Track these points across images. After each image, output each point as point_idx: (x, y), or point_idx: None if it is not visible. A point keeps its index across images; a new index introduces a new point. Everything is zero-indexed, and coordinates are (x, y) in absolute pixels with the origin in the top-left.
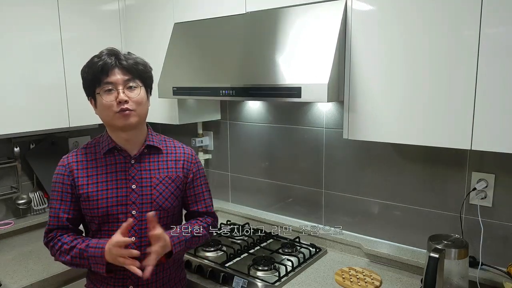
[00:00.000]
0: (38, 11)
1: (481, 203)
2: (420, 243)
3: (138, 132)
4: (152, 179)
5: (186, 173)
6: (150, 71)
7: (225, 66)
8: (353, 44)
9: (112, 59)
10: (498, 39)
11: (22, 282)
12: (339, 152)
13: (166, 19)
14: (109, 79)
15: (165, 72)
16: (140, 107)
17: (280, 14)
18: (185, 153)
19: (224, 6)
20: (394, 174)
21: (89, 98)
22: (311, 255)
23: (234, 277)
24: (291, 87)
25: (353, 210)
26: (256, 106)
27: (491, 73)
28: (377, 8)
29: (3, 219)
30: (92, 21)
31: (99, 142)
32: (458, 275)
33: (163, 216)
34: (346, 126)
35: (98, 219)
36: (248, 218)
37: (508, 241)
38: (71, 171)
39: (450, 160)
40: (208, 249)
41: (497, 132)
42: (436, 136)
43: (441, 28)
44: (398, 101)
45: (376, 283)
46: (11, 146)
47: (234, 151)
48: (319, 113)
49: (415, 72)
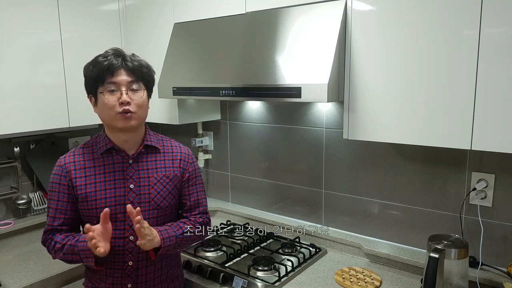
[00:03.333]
0: (38, 11)
1: (481, 203)
2: (420, 243)
3: (137, 133)
4: (150, 179)
5: (182, 172)
6: (153, 75)
7: (225, 66)
8: (353, 44)
9: (118, 60)
10: (498, 39)
11: (22, 282)
12: (339, 152)
13: (166, 19)
14: (114, 79)
15: (165, 72)
16: (141, 110)
17: (280, 14)
18: (182, 152)
19: (224, 6)
20: (394, 174)
21: (89, 96)
22: (311, 255)
23: (234, 277)
24: (291, 87)
25: (353, 210)
26: (256, 106)
27: (491, 73)
28: (377, 8)
29: (3, 219)
30: (92, 21)
31: (96, 142)
32: (458, 275)
33: (161, 215)
34: (346, 126)
35: (96, 218)
36: (248, 218)
37: (508, 241)
38: (68, 171)
39: (450, 160)
40: (208, 249)
41: (497, 132)
42: (436, 136)
43: (441, 28)
44: (398, 101)
45: (376, 283)
46: (11, 146)
47: (234, 151)
48: (319, 113)
49: (415, 72)
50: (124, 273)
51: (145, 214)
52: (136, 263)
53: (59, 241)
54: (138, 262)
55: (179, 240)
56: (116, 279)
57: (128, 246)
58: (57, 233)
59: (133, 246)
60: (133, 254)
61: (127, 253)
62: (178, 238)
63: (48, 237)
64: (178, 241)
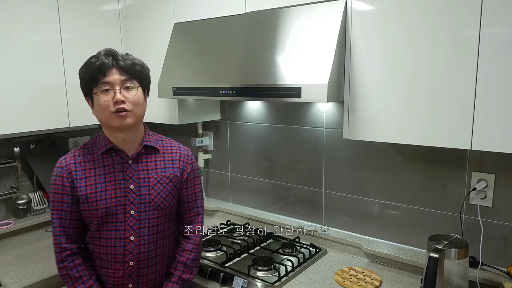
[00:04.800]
0: (38, 11)
1: (481, 203)
2: (420, 243)
3: (135, 132)
4: (150, 179)
5: (181, 172)
6: (148, 72)
7: (225, 66)
8: (353, 44)
9: (109, 59)
10: (498, 39)
11: (22, 282)
12: (339, 152)
13: (166, 19)
14: (106, 79)
15: (165, 72)
16: (137, 108)
17: (280, 14)
18: (181, 152)
19: (224, 6)
20: (394, 174)
21: (86, 98)
22: (311, 255)
23: (234, 277)
24: (291, 87)
25: (353, 210)
26: (256, 106)
27: (491, 73)
28: (377, 8)
29: (3, 219)
30: (92, 21)
31: (95, 142)
32: (458, 275)
33: (161, 215)
34: (346, 126)
35: (97, 219)
36: (248, 218)
37: (508, 241)
38: (70, 172)
39: (450, 160)
40: (208, 249)
41: (497, 132)
42: (436, 136)
43: (441, 28)
44: (398, 101)
45: (376, 283)
46: (11, 146)
47: (234, 151)
48: (319, 113)
49: (415, 72)
50: (125, 273)
51: (145, 214)
52: (137, 263)
53: (73, 279)
54: (139, 262)
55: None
56: (117, 279)
57: (129, 247)
58: (73, 258)
59: (133, 247)
60: (134, 254)
61: (127, 253)
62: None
63: (67, 258)
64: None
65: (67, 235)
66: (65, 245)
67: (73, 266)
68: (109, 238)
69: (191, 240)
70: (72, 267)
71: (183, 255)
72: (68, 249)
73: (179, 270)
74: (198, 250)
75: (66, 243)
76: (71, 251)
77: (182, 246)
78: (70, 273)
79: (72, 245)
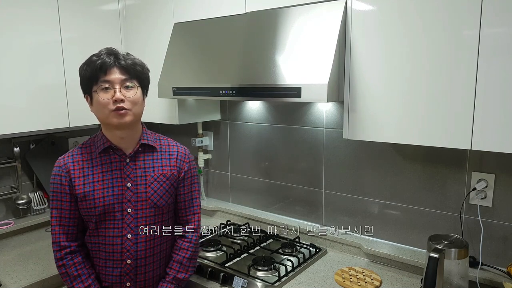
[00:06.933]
0: (38, 11)
1: (481, 203)
2: (420, 243)
3: (133, 130)
4: (147, 177)
5: (178, 170)
6: (147, 73)
7: (225, 66)
8: (353, 44)
9: (111, 58)
10: (498, 39)
11: (22, 282)
12: (339, 152)
13: (166, 19)
14: (107, 77)
15: (165, 72)
16: (135, 107)
17: (280, 14)
18: (179, 151)
19: (224, 6)
20: (394, 174)
21: (85, 95)
22: (311, 255)
23: (234, 277)
24: (291, 87)
25: (353, 210)
26: (256, 106)
27: (491, 73)
28: (377, 8)
29: (3, 219)
30: (92, 21)
31: (94, 141)
32: (458, 275)
33: (158, 213)
34: (346, 126)
35: (95, 217)
36: (248, 218)
37: (508, 241)
38: (68, 171)
39: (450, 160)
40: (208, 249)
41: (497, 132)
42: (436, 136)
43: (441, 28)
44: (398, 101)
45: (376, 283)
46: (11, 146)
47: (234, 151)
48: (319, 113)
49: (415, 72)
50: (122, 271)
51: (142, 212)
52: (135, 262)
53: (71, 276)
54: (136, 260)
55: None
56: (115, 278)
57: (126, 245)
58: (72, 256)
59: (131, 245)
60: (131, 252)
61: (125, 251)
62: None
63: (66, 256)
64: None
65: (67, 233)
66: (64, 243)
67: (72, 265)
68: (107, 236)
69: (187, 239)
70: (71, 265)
71: (179, 254)
72: (67, 247)
73: (174, 269)
74: (195, 249)
75: (65, 241)
76: (70, 249)
77: (178, 245)
78: (69, 271)
79: (72, 243)
